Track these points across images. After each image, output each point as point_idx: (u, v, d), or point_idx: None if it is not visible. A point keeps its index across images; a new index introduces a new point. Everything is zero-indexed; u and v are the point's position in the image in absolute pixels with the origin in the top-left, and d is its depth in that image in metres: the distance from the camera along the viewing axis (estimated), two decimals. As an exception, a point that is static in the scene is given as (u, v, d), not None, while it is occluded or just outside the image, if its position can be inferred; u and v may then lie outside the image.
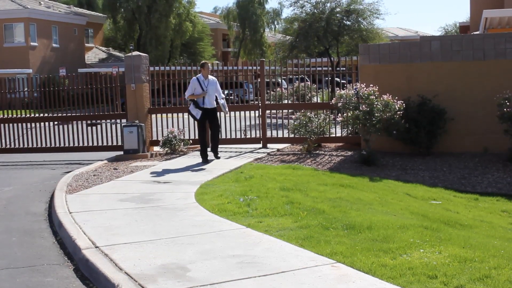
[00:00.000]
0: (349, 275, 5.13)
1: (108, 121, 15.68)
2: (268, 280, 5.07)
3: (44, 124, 15.68)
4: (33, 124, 15.84)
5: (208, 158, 12.62)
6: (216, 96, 12.78)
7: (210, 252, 5.90)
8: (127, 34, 49.35)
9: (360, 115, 12.46)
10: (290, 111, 16.38)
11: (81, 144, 15.41)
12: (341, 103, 12.99)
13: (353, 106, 12.67)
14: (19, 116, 16.02)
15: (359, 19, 27.23)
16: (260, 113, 14.93)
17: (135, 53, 15.05)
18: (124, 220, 7.48)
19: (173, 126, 14.89)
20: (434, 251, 5.76)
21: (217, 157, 12.86)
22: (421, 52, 13.78)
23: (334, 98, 13.46)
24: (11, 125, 15.78)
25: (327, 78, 17.51)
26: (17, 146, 15.81)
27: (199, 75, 12.63)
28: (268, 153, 13.89)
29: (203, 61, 12.97)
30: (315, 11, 27.63)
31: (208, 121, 12.80)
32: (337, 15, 27.46)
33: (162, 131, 15.10)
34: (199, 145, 15.07)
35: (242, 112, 16.25)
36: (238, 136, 15.52)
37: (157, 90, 16.11)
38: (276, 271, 5.27)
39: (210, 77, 12.69)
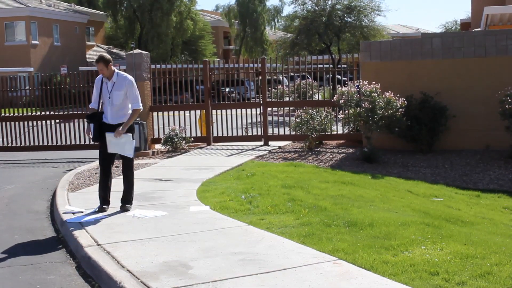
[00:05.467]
0: (351, 272, 5.13)
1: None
2: (270, 277, 5.07)
3: (46, 122, 15.69)
4: (34, 123, 15.86)
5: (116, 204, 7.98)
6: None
7: (212, 250, 5.91)
8: (128, 32, 49.42)
9: (362, 112, 12.46)
10: (291, 108, 16.38)
11: (82, 142, 15.43)
12: (343, 100, 12.98)
13: (355, 103, 12.66)
14: (20, 114, 16.04)
15: (360, 16, 27.25)
16: (262, 111, 14.94)
17: (137, 51, 15.09)
18: (126, 218, 7.49)
19: (174, 124, 14.90)
20: (436, 248, 5.77)
21: (124, 208, 7.84)
22: (423, 49, 13.76)
23: (335, 96, 13.44)
24: (13, 123, 15.81)
25: (328, 76, 17.46)
26: (19, 144, 15.83)
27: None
28: (270, 151, 13.89)
29: (100, 55, 7.78)
30: (316, 8, 27.64)
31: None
32: (338, 12, 27.48)
33: (163, 129, 15.13)
34: (200, 143, 15.17)
35: (244, 110, 16.27)
36: (240, 134, 15.54)
37: (158, 88, 16.16)
38: (278, 268, 5.27)
39: (120, 74, 7.74)
